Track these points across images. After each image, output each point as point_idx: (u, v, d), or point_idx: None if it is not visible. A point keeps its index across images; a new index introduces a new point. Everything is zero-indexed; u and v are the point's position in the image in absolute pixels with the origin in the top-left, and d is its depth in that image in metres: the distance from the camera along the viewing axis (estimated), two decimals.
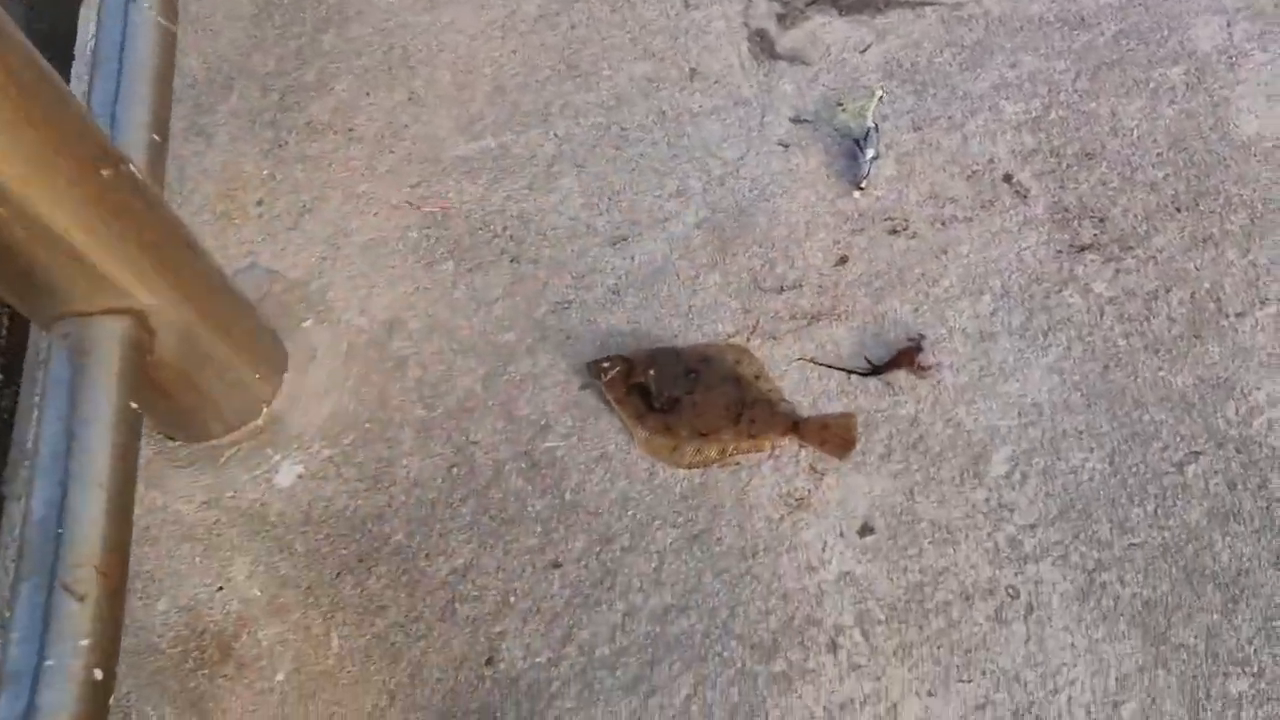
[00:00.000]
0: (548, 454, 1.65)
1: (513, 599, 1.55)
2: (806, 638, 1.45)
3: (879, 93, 1.87)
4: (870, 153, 1.80)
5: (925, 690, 1.39)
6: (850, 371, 1.64)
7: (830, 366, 1.65)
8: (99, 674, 1.14)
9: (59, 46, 2.12)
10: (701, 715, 1.42)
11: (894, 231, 1.76)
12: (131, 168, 1.37)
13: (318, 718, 1.51)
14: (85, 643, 1.15)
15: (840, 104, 1.89)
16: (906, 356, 1.62)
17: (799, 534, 1.52)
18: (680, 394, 1.64)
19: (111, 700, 1.15)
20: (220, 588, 1.62)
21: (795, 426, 1.59)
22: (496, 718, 1.47)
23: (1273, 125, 1.78)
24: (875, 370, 1.63)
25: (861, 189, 1.79)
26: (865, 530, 1.51)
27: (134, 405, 1.35)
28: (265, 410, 1.78)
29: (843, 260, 1.74)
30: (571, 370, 1.72)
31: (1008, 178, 1.78)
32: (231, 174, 2.03)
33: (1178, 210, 1.71)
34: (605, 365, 1.67)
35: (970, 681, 1.39)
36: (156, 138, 1.52)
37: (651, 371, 1.66)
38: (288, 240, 1.93)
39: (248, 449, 1.75)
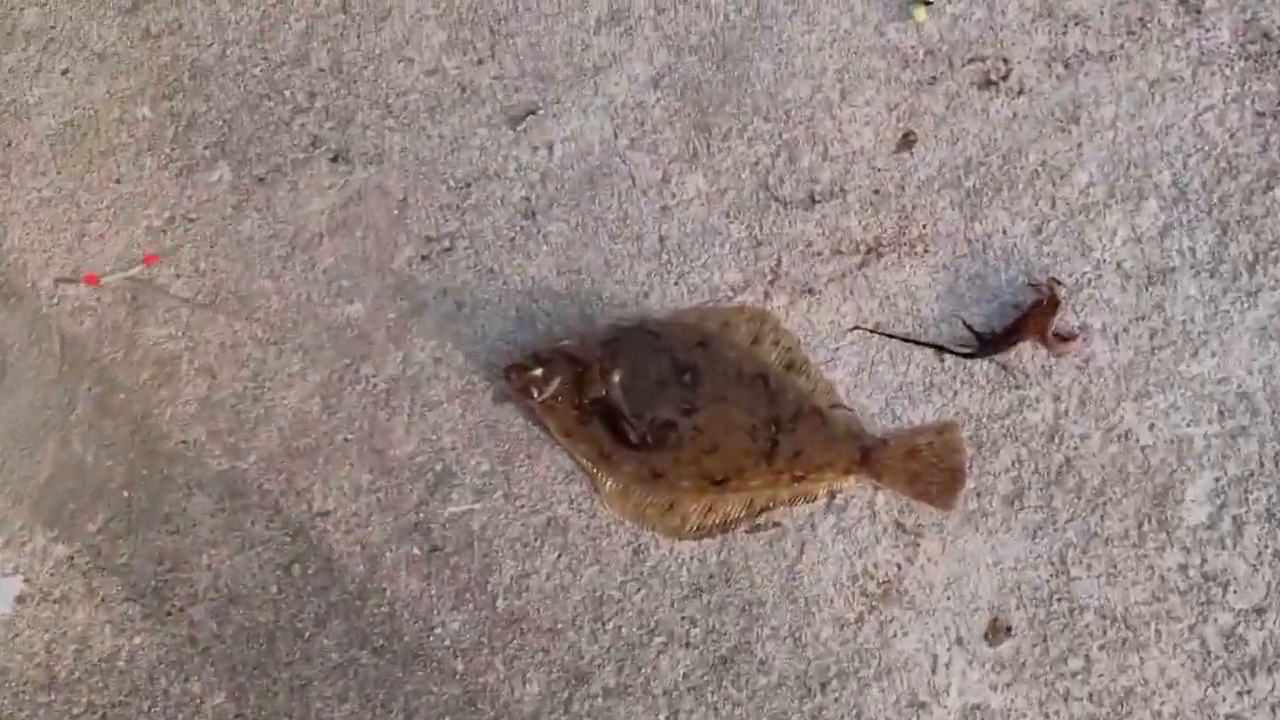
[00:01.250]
0: (454, 527, 0.98)
1: None
2: None
3: None
4: None
5: None
6: (941, 350, 0.99)
7: (908, 340, 1.00)
8: None
9: None
10: None
11: (987, 83, 1.05)
12: None
13: None
14: None
15: None
16: (1033, 319, 0.98)
17: (892, 645, 0.94)
18: (672, 415, 0.96)
19: None
20: None
21: (865, 456, 0.96)
22: None
23: None
24: (983, 345, 0.98)
25: (928, 2, 1.06)
26: (997, 630, 0.94)
27: None
28: None
29: (907, 140, 1.04)
30: (473, 368, 1.01)
31: None
32: None
33: None
34: (536, 374, 0.97)
35: None
36: None
37: (617, 376, 0.97)
38: None
39: None
